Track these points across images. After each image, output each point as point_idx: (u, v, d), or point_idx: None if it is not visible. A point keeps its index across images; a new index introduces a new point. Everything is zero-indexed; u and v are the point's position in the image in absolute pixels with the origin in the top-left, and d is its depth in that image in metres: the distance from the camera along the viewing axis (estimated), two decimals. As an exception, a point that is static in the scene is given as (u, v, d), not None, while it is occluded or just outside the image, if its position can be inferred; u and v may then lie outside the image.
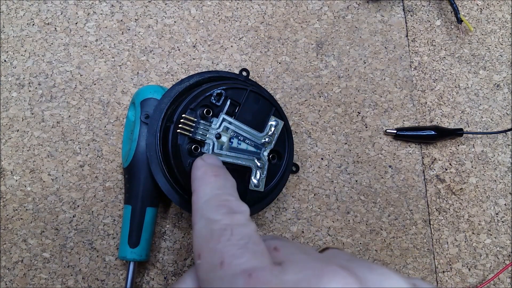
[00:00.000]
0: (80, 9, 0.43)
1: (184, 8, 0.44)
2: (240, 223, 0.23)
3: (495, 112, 0.45)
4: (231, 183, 0.28)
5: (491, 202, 0.43)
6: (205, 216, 0.24)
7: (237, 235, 0.22)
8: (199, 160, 0.30)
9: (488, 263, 0.42)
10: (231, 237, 0.22)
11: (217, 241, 0.22)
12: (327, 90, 0.44)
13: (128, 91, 0.41)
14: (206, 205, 0.25)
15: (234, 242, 0.22)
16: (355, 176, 0.42)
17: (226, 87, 0.34)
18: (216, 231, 0.23)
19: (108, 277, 0.38)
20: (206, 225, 0.24)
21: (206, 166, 0.29)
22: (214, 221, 0.24)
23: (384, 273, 0.22)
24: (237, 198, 0.26)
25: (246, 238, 0.22)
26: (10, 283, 0.37)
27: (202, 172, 0.28)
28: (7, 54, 0.41)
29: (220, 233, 0.23)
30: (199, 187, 0.27)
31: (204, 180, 0.27)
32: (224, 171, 0.29)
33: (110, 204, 0.39)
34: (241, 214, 0.24)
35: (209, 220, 0.24)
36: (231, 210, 0.24)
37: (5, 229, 0.38)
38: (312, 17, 0.45)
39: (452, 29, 0.47)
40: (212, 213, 0.24)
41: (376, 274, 0.21)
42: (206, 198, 0.26)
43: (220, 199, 0.25)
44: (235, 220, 0.24)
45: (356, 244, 0.41)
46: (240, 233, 0.23)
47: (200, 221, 0.24)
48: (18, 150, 0.39)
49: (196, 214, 0.25)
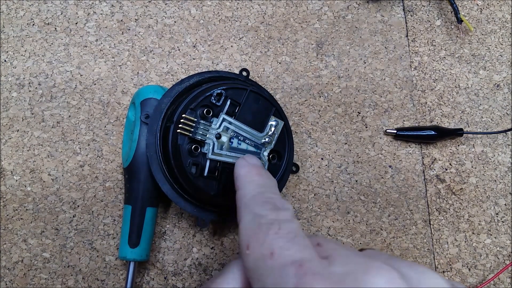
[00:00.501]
0: (80, 9, 0.43)
1: (184, 8, 0.44)
2: (286, 218, 0.24)
3: (495, 112, 0.45)
4: (273, 183, 0.29)
5: (491, 202, 0.43)
6: (252, 211, 0.25)
7: (284, 229, 0.23)
8: (242, 160, 0.31)
9: (488, 263, 0.42)
10: (279, 231, 0.23)
11: (266, 233, 0.23)
12: (327, 90, 0.44)
13: (128, 91, 0.41)
14: (252, 201, 0.26)
15: (282, 235, 0.23)
16: (355, 176, 0.42)
17: (226, 87, 0.34)
18: (264, 225, 0.24)
19: (108, 277, 0.38)
20: (253, 219, 0.25)
21: (249, 166, 0.30)
22: (261, 216, 0.24)
23: (425, 271, 0.22)
24: (280, 197, 0.27)
25: (293, 233, 0.23)
26: (10, 283, 0.37)
27: (246, 171, 0.29)
28: (7, 54, 0.41)
29: (268, 226, 0.23)
30: (244, 184, 0.28)
31: (248, 178, 0.28)
32: (266, 171, 0.30)
33: (110, 204, 0.39)
34: (286, 211, 0.25)
35: (256, 215, 0.25)
36: (276, 207, 0.25)
37: (5, 229, 0.38)
38: (312, 17, 0.45)
39: (452, 29, 0.47)
40: (258, 209, 0.25)
41: (417, 272, 0.22)
42: (252, 195, 0.27)
43: (265, 196, 0.26)
44: (281, 215, 0.24)
45: (356, 244, 0.41)
46: (287, 227, 0.23)
47: (247, 215, 0.25)
48: (18, 150, 0.39)
49: (243, 210, 0.26)
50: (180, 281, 0.38)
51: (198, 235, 0.39)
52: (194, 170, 0.33)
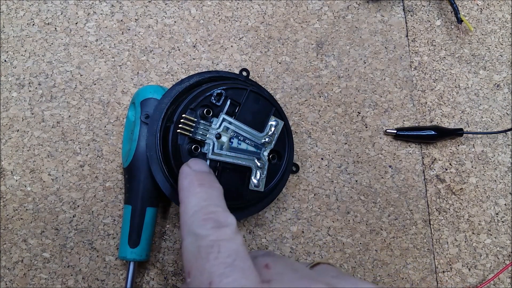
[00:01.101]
0: (80, 9, 0.43)
1: (184, 8, 0.44)
2: (227, 237, 0.24)
3: (495, 112, 0.45)
4: (217, 192, 0.28)
5: (491, 202, 0.43)
6: (192, 231, 0.24)
7: (224, 252, 0.23)
8: (185, 168, 0.29)
9: (488, 263, 0.42)
10: (218, 255, 0.23)
11: (206, 259, 0.23)
12: (327, 90, 0.44)
13: (128, 91, 0.41)
14: (192, 219, 0.25)
15: (221, 260, 0.22)
16: (355, 176, 0.42)
17: (226, 87, 0.34)
18: (204, 248, 0.23)
19: (108, 277, 0.38)
20: (194, 241, 0.24)
21: (192, 175, 0.28)
22: (202, 237, 0.24)
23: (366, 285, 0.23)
24: (223, 209, 0.26)
25: (233, 255, 0.23)
26: (10, 283, 0.37)
27: (188, 182, 0.28)
28: (7, 54, 0.41)
29: (208, 250, 0.23)
30: (185, 198, 0.27)
31: (190, 190, 0.27)
32: (210, 178, 0.29)
33: (110, 204, 0.39)
34: (228, 227, 0.24)
35: (197, 236, 0.24)
36: (218, 224, 0.24)
37: (5, 229, 0.38)
38: (312, 17, 0.45)
39: (452, 29, 0.47)
40: (199, 228, 0.24)
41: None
42: (193, 211, 0.26)
43: (207, 211, 0.25)
44: (222, 235, 0.24)
45: (356, 244, 0.41)
46: (227, 249, 0.23)
47: (188, 236, 0.25)
48: (18, 150, 0.39)
49: (184, 229, 0.25)
50: (180, 281, 0.38)
51: (198, 235, 0.39)
52: (194, 170, 0.33)
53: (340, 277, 0.24)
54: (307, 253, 0.40)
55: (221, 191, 0.28)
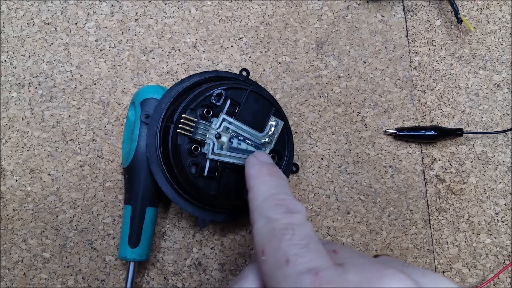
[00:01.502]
0: (80, 9, 0.43)
1: (184, 8, 0.44)
2: (299, 222, 0.24)
3: (495, 112, 0.45)
4: (284, 182, 0.28)
5: (491, 202, 0.43)
6: (264, 214, 0.25)
7: (298, 234, 0.23)
8: (252, 158, 0.30)
9: (488, 263, 0.42)
10: (293, 237, 0.23)
11: (280, 240, 0.23)
12: (327, 90, 0.44)
13: (128, 91, 0.41)
14: (264, 204, 0.26)
15: (296, 241, 0.23)
16: (355, 176, 0.42)
17: (226, 87, 0.34)
18: (278, 230, 0.24)
19: (108, 277, 0.38)
20: (266, 224, 0.25)
21: (259, 164, 0.29)
22: (274, 220, 0.24)
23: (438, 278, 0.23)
24: (292, 197, 0.27)
25: (307, 238, 0.23)
26: (10, 283, 0.37)
27: (257, 170, 0.29)
28: (7, 54, 0.41)
29: (282, 232, 0.23)
30: (255, 185, 0.28)
31: (259, 178, 0.28)
32: (277, 169, 0.30)
33: (110, 204, 0.39)
34: (299, 214, 0.25)
35: (269, 219, 0.25)
36: (289, 210, 0.25)
37: (5, 229, 0.38)
38: (312, 17, 0.45)
39: (452, 29, 0.47)
40: (271, 212, 0.25)
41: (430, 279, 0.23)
42: (264, 197, 0.26)
43: (277, 198, 0.26)
44: (294, 219, 0.24)
45: (356, 244, 0.41)
46: (301, 232, 0.23)
47: (260, 219, 0.25)
48: (18, 150, 0.39)
49: (255, 212, 0.26)
50: (180, 281, 0.38)
51: (198, 235, 0.39)
52: (194, 170, 0.33)
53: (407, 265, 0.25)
54: (307, 253, 0.40)
55: (287, 182, 0.29)
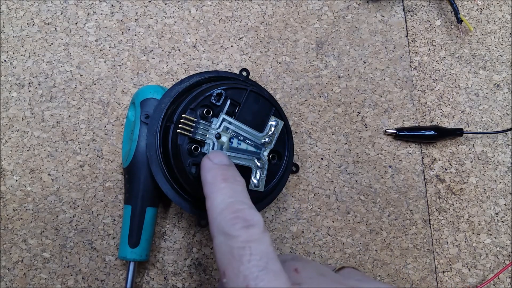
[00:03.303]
0: (80, 9, 0.43)
1: (184, 8, 0.44)
2: (256, 238, 0.24)
3: (495, 112, 0.45)
4: (241, 186, 0.28)
5: (491, 202, 0.43)
6: (222, 230, 0.25)
7: (256, 254, 0.24)
8: (207, 161, 0.30)
9: (488, 263, 0.42)
10: (251, 257, 0.24)
11: (240, 261, 0.24)
12: (327, 90, 0.44)
13: (128, 91, 0.41)
14: (221, 217, 0.26)
15: (255, 263, 0.23)
16: (355, 176, 0.42)
17: (226, 87, 0.34)
18: (236, 250, 0.24)
19: (108, 277, 0.38)
20: (225, 241, 0.25)
21: (215, 169, 0.29)
22: (233, 238, 0.25)
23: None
24: (249, 205, 0.27)
25: (265, 258, 0.24)
26: (10, 283, 0.37)
27: (212, 176, 0.28)
28: (7, 54, 0.41)
29: (240, 252, 0.24)
30: (211, 194, 0.27)
31: (214, 185, 0.28)
32: (233, 171, 0.29)
33: (110, 204, 0.39)
34: (256, 227, 0.25)
35: (227, 236, 0.25)
36: (246, 223, 0.25)
37: (5, 229, 0.38)
38: (312, 17, 0.45)
39: (452, 29, 0.47)
40: (228, 228, 0.25)
41: None
42: (220, 208, 0.26)
43: (234, 209, 0.26)
44: (252, 235, 0.24)
45: (356, 244, 0.41)
46: (259, 251, 0.24)
47: (219, 235, 0.25)
48: (18, 150, 0.39)
49: (213, 226, 0.26)
50: (180, 281, 0.38)
51: (198, 235, 0.39)
52: (194, 170, 0.33)
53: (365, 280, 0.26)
54: (307, 253, 0.40)
55: (244, 185, 0.28)
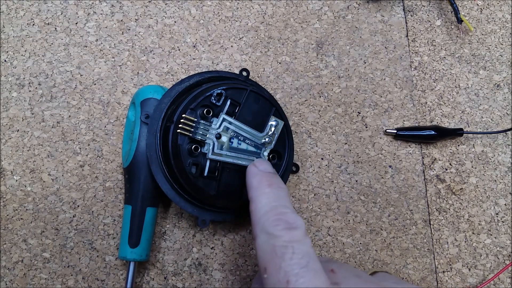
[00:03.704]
0: (80, 9, 0.43)
1: (184, 8, 0.44)
2: (299, 239, 0.25)
3: (495, 112, 0.45)
4: (284, 193, 0.29)
5: (491, 202, 0.43)
6: (265, 230, 0.26)
7: (298, 253, 0.24)
8: (253, 167, 0.31)
9: (488, 263, 0.42)
10: (293, 256, 0.24)
11: (281, 258, 0.24)
12: (327, 90, 0.44)
13: (128, 91, 0.41)
14: (265, 219, 0.27)
15: (296, 261, 0.24)
16: (355, 176, 0.42)
17: (226, 87, 0.34)
18: (279, 248, 0.25)
19: (108, 277, 0.38)
20: (268, 240, 0.26)
21: (260, 175, 0.30)
22: (275, 237, 0.25)
23: None
24: (292, 210, 0.27)
25: (306, 257, 0.24)
26: (10, 283, 0.37)
27: (257, 181, 0.30)
28: (7, 54, 0.41)
29: (283, 250, 0.25)
30: (256, 197, 0.29)
31: (259, 190, 0.29)
32: (277, 178, 0.30)
33: (110, 204, 0.39)
34: (299, 229, 0.26)
35: (270, 235, 0.26)
36: (289, 225, 0.26)
37: (5, 229, 0.38)
38: (312, 17, 0.45)
39: (452, 29, 0.47)
40: (272, 228, 0.26)
41: None
42: (264, 210, 0.27)
43: (277, 212, 0.27)
44: (294, 236, 0.25)
45: (356, 244, 0.41)
46: (300, 251, 0.25)
47: (262, 235, 0.26)
48: (18, 150, 0.39)
49: (257, 227, 0.27)
50: (180, 281, 0.38)
51: (198, 235, 0.39)
52: (194, 170, 0.33)
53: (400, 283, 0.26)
54: (307, 253, 0.40)
55: (287, 192, 0.30)
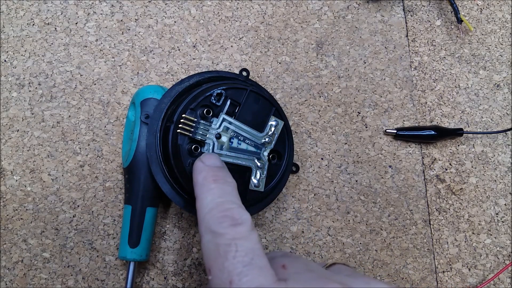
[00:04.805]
0: (80, 9, 0.43)
1: (184, 8, 0.44)
2: (243, 235, 0.25)
3: (495, 112, 0.45)
4: (231, 187, 0.28)
5: (491, 202, 0.43)
6: (210, 228, 0.25)
7: (242, 251, 0.24)
8: (199, 163, 0.30)
9: (488, 263, 0.42)
10: (236, 254, 0.24)
11: (225, 258, 0.24)
12: (327, 90, 0.44)
13: (128, 91, 0.41)
14: (209, 216, 0.26)
15: (239, 259, 0.23)
16: (355, 176, 0.42)
17: (226, 87, 0.34)
18: (222, 247, 0.24)
19: (108, 277, 0.38)
20: (212, 239, 0.25)
21: (205, 170, 0.29)
22: (219, 235, 0.25)
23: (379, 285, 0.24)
24: (238, 205, 0.27)
25: (250, 254, 0.24)
26: (10, 283, 0.37)
27: (202, 178, 0.29)
28: (7, 54, 0.41)
29: (226, 249, 0.24)
30: (200, 194, 0.28)
31: (204, 186, 0.28)
32: (224, 173, 0.29)
33: (110, 204, 0.39)
34: (244, 225, 0.25)
35: (215, 234, 0.25)
36: (234, 221, 0.25)
37: (5, 229, 0.38)
38: (312, 17, 0.45)
39: (452, 29, 0.47)
40: (216, 226, 0.25)
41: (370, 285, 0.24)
42: (209, 207, 0.26)
43: (222, 209, 0.26)
44: (239, 233, 0.25)
45: (356, 244, 0.41)
46: (244, 248, 0.24)
47: (206, 234, 0.26)
48: (18, 150, 0.39)
49: (202, 225, 0.26)
50: (180, 281, 0.38)
51: (198, 235, 0.39)
52: (194, 170, 0.33)
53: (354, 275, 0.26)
54: (307, 253, 0.40)
55: (234, 186, 0.29)
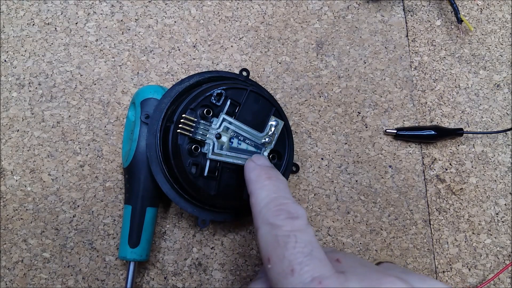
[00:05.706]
0: (80, 9, 0.43)
1: (184, 8, 0.44)
2: (301, 228, 0.25)
3: (495, 112, 0.45)
4: (284, 184, 0.29)
5: (491, 202, 0.43)
6: (267, 221, 0.26)
7: (301, 242, 0.24)
8: (251, 162, 0.31)
9: (488, 263, 0.42)
10: (296, 244, 0.24)
11: (284, 248, 0.24)
12: (327, 90, 0.44)
13: (128, 91, 0.41)
14: (266, 210, 0.26)
15: (299, 249, 0.24)
16: (355, 176, 0.42)
17: (226, 87, 0.34)
18: (281, 238, 0.25)
19: (108, 277, 0.38)
20: (270, 231, 0.25)
21: (258, 169, 0.30)
22: (277, 227, 0.25)
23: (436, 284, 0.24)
24: (293, 201, 0.27)
25: (309, 245, 0.24)
26: (10, 283, 0.37)
27: (256, 175, 0.30)
28: (7, 54, 0.41)
29: (285, 239, 0.24)
30: (255, 190, 0.28)
31: (258, 183, 0.29)
32: (275, 172, 0.30)
33: (110, 204, 0.39)
34: (300, 219, 0.26)
35: (272, 226, 0.25)
36: (290, 215, 0.26)
37: (5, 229, 0.38)
38: (312, 17, 0.45)
39: (452, 29, 0.47)
40: (273, 218, 0.26)
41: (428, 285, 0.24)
42: (265, 202, 0.27)
43: (278, 203, 0.27)
44: (296, 226, 0.25)
45: (356, 244, 0.41)
46: (303, 240, 0.24)
47: (263, 226, 0.26)
48: (18, 150, 0.39)
49: (258, 219, 0.27)
50: (180, 281, 0.38)
51: (198, 235, 0.39)
52: (194, 170, 0.33)
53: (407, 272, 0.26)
54: (307, 253, 0.40)
55: (286, 184, 0.29)
